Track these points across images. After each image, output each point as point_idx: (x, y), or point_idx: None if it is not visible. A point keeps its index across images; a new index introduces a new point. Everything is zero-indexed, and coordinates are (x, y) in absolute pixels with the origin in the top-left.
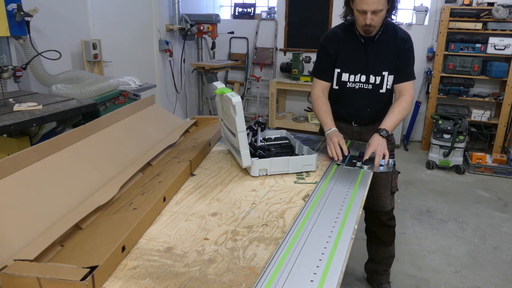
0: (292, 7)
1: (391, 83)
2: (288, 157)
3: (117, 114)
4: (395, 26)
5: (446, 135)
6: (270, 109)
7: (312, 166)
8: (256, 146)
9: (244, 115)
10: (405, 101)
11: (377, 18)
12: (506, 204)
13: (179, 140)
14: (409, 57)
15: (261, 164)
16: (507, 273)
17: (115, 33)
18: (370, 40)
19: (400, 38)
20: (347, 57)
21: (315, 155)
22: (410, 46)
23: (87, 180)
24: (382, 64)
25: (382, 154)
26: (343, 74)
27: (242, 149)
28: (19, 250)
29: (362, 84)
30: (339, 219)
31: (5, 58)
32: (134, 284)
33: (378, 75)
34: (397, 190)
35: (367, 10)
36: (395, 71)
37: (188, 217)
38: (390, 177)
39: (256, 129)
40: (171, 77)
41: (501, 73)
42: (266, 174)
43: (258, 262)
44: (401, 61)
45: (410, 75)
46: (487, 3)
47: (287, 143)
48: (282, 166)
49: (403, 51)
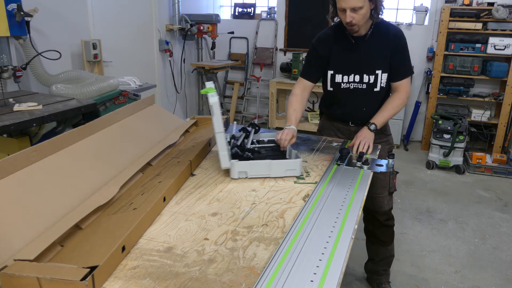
0: (292, 7)
1: (385, 81)
2: (270, 160)
3: (117, 114)
4: (387, 24)
5: (446, 135)
6: (270, 109)
7: (296, 171)
8: (245, 148)
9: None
10: (398, 98)
11: (358, 16)
12: (506, 204)
13: (179, 140)
14: (404, 54)
15: (240, 167)
16: (507, 273)
17: (115, 33)
18: (361, 40)
19: (392, 35)
20: (339, 58)
21: (299, 159)
22: (404, 43)
23: (87, 180)
24: (375, 63)
25: (366, 146)
26: (337, 76)
27: (220, 150)
28: (19, 250)
29: (357, 84)
30: (339, 219)
31: (5, 58)
32: (134, 284)
33: (371, 74)
34: (395, 190)
35: (346, 8)
36: (391, 70)
37: (188, 217)
38: (388, 177)
39: (249, 131)
40: (171, 77)
41: (501, 73)
42: (246, 177)
43: (258, 262)
44: (396, 59)
45: (406, 72)
46: (487, 3)
47: (279, 146)
48: (263, 169)
49: (397, 48)
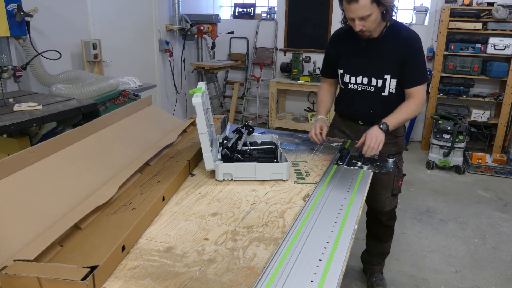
0: (292, 7)
1: (394, 87)
2: (255, 163)
3: (114, 114)
4: (400, 27)
5: (446, 135)
6: (270, 109)
7: (282, 174)
8: (235, 150)
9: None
10: (413, 103)
11: (368, 23)
12: (506, 204)
13: (176, 140)
14: (418, 59)
15: (225, 169)
16: (507, 273)
17: (115, 33)
18: (372, 42)
19: (404, 40)
20: (347, 58)
21: (286, 163)
22: (417, 48)
23: (85, 180)
24: (384, 67)
25: (375, 146)
26: (345, 75)
27: (204, 152)
28: (19, 251)
29: (364, 86)
30: (339, 219)
31: (5, 58)
32: (134, 284)
33: (379, 78)
34: (399, 192)
35: (354, 18)
36: (404, 75)
37: (188, 217)
38: (392, 178)
39: (243, 132)
40: (171, 77)
41: (501, 73)
42: (231, 179)
43: (258, 262)
44: (409, 65)
45: (421, 79)
46: (487, 3)
47: (272, 149)
48: (248, 172)
49: (410, 54)
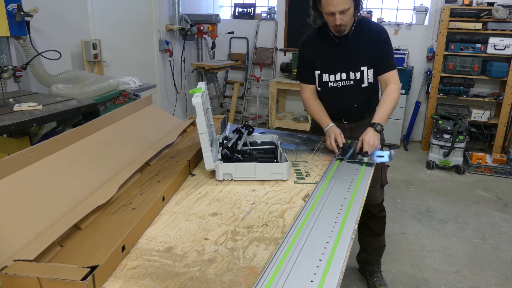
0: (292, 7)
1: (371, 76)
2: (255, 163)
3: (115, 114)
4: (368, 21)
5: (446, 135)
6: (270, 109)
7: (283, 174)
8: (235, 150)
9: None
10: (392, 90)
11: (346, 17)
12: (506, 204)
13: (176, 140)
14: (387, 47)
15: (225, 169)
16: (507, 273)
17: (115, 33)
18: (344, 39)
19: (374, 31)
20: (324, 58)
21: (286, 163)
22: (385, 38)
23: (85, 180)
24: (360, 60)
25: (373, 151)
26: (323, 75)
27: (204, 152)
28: (19, 251)
29: (344, 82)
30: (339, 219)
31: (5, 58)
32: (134, 284)
33: (357, 71)
34: (386, 183)
35: (335, 12)
36: (376, 64)
37: (188, 217)
38: (380, 171)
39: (243, 132)
40: (171, 77)
41: (501, 73)
42: (231, 179)
43: (258, 262)
44: (379, 53)
45: (392, 65)
46: (487, 3)
47: (272, 149)
48: (248, 172)
49: (379, 43)
